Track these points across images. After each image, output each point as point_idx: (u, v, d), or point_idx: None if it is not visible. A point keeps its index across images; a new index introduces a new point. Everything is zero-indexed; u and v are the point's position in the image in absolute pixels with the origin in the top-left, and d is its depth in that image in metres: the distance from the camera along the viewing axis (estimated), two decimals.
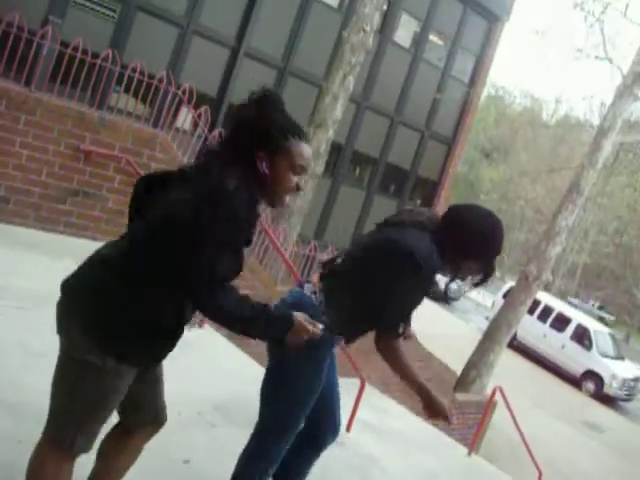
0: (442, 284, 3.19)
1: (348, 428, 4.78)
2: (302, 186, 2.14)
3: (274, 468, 2.70)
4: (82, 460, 2.14)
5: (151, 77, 7.56)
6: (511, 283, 20.97)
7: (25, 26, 6.84)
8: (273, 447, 2.63)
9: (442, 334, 15.75)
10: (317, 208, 13.81)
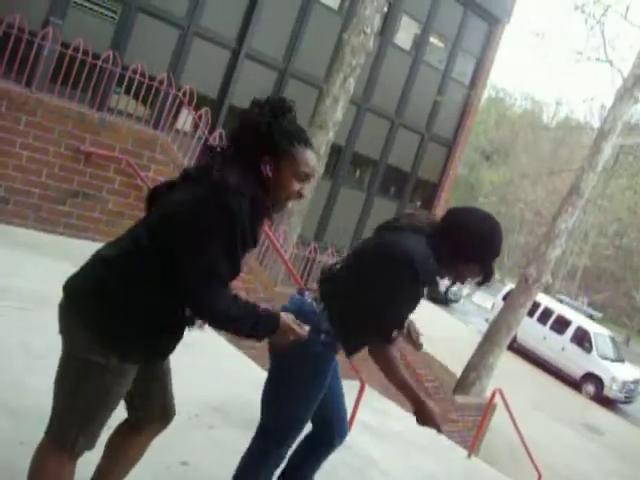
0: (442, 286, 3.18)
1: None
2: (305, 193, 2.13)
3: (277, 469, 2.70)
4: (84, 460, 2.14)
5: (152, 78, 7.57)
6: (511, 285, 20.96)
7: (26, 27, 6.86)
8: (275, 448, 2.63)
9: (442, 336, 15.70)
10: (317, 210, 13.81)
